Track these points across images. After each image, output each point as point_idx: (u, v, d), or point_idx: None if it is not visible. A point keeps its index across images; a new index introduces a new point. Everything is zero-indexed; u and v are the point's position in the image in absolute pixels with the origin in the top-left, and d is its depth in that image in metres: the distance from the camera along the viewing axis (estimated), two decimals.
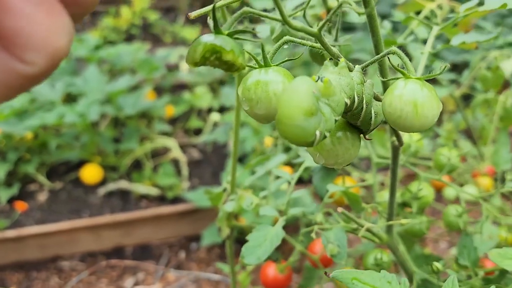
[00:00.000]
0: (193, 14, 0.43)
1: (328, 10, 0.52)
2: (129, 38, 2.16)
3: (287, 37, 0.31)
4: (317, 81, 0.27)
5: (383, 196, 0.54)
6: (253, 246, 0.45)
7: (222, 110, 1.66)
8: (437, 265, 0.48)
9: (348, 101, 0.29)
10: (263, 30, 0.50)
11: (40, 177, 1.49)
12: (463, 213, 0.51)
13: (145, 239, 1.40)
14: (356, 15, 0.55)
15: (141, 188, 1.47)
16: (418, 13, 0.59)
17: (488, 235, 0.60)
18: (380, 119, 0.34)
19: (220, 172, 1.48)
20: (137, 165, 1.58)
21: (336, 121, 0.27)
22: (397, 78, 0.32)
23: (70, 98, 1.62)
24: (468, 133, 1.05)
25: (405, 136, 0.51)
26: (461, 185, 0.71)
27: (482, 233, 0.54)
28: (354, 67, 0.33)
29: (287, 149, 0.76)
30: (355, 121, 0.32)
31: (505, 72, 0.74)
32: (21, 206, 1.41)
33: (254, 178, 0.54)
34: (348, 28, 1.49)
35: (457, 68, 1.31)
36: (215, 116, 1.53)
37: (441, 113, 0.35)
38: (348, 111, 0.31)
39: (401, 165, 0.53)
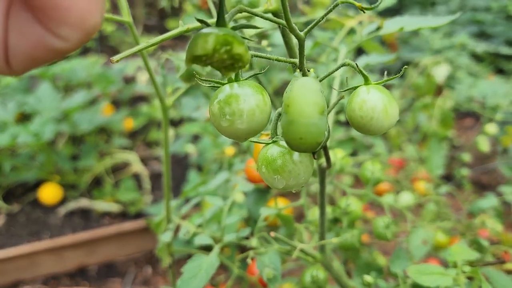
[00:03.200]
0: (116, 58, 0.44)
1: None
2: (85, 51, 2.12)
3: (252, 52, 0.30)
4: None
5: (315, 213, 0.55)
6: (188, 278, 0.45)
7: (182, 121, 1.66)
8: (367, 278, 0.50)
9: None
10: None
11: None
12: (390, 224, 0.54)
13: (110, 256, 1.39)
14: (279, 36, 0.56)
15: (103, 205, 1.45)
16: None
17: (422, 240, 0.63)
18: (328, 135, 0.33)
19: (182, 183, 1.48)
20: (97, 181, 1.56)
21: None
22: (356, 87, 0.33)
23: (24, 117, 1.58)
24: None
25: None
26: (398, 191, 0.74)
27: (411, 242, 0.56)
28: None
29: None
30: None
31: (437, 78, 0.78)
32: None
33: (190, 205, 0.54)
34: None
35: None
36: (170, 131, 1.52)
37: None
38: None
39: (328, 182, 0.55)
